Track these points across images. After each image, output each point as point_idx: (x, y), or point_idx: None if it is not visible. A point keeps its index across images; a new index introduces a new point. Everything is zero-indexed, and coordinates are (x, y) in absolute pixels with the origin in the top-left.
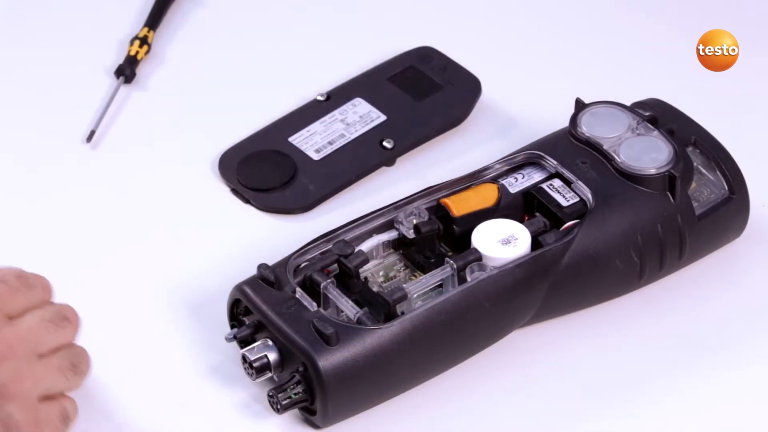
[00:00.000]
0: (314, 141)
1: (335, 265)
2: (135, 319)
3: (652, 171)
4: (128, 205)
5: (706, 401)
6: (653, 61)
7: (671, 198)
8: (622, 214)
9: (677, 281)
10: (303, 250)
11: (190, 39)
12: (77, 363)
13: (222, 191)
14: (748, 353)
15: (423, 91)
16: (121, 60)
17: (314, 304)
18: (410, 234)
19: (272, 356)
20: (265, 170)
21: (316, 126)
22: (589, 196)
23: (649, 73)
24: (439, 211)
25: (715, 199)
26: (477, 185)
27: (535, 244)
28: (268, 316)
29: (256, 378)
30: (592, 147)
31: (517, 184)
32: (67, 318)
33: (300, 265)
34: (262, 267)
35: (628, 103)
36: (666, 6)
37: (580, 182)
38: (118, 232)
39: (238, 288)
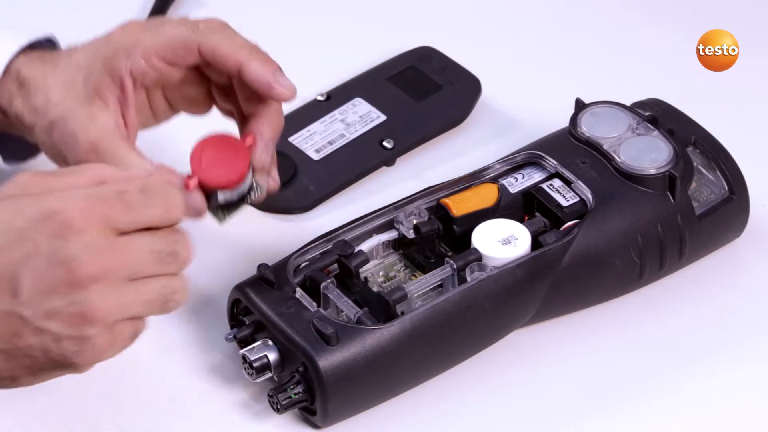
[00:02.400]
0: (314, 141)
1: (335, 265)
2: None
3: (652, 171)
4: None
5: (706, 401)
6: (653, 61)
7: (671, 198)
8: (622, 214)
9: (677, 281)
10: (303, 250)
11: None
12: (169, 299)
13: None
14: (748, 353)
15: (423, 91)
16: None
17: (314, 304)
18: (410, 234)
19: (272, 356)
20: None
21: (316, 126)
22: (589, 196)
23: (649, 73)
24: (439, 211)
25: (715, 199)
26: (477, 185)
27: (535, 244)
28: (268, 316)
29: (256, 378)
30: (592, 147)
31: (517, 184)
32: (177, 254)
33: (300, 265)
34: (262, 267)
35: (628, 103)
36: (666, 6)
37: (580, 182)
38: None
39: (238, 288)
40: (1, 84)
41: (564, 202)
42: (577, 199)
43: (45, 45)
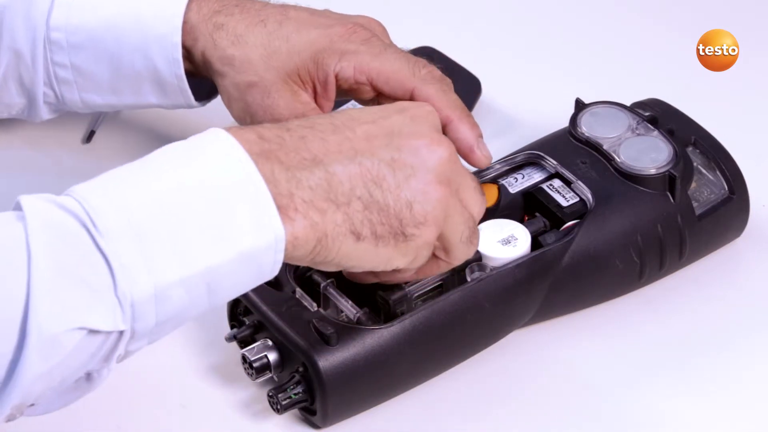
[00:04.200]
0: None
1: None
2: None
3: (652, 171)
4: None
5: (706, 401)
6: (653, 61)
7: (671, 198)
8: (622, 214)
9: (677, 281)
10: None
11: None
12: (472, 236)
13: None
14: (748, 353)
15: None
16: None
17: (314, 304)
18: None
19: (272, 356)
20: None
21: None
22: (589, 196)
23: (649, 73)
24: None
25: (715, 199)
26: None
27: (535, 244)
28: (267, 316)
29: (256, 378)
30: (592, 147)
31: (517, 184)
32: (482, 193)
33: (300, 265)
34: None
35: (628, 103)
36: (666, 6)
37: (580, 182)
38: None
39: None
40: (189, 23)
41: (564, 202)
42: (577, 199)
43: None
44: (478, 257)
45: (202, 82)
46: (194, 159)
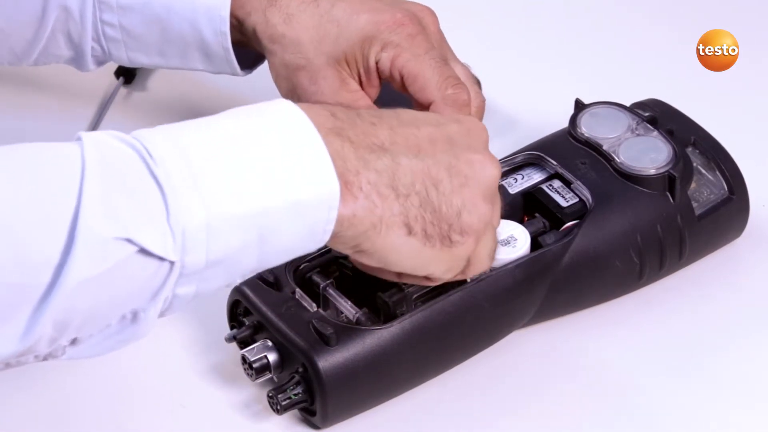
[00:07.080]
0: None
1: (335, 266)
2: None
3: (652, 171)
4: None
5: (705, 401)
6: (653, 61)
7: (671, 198)
8: (621, 214)
9: (677, 281)
10: None
11: None
12: (493, 255)
13: None
14: (748, 353)
15: None
16: None
17: (314, 304)
18: None
19: (272, 357)
20: None
21: None
22: (589, 196)
23: (649, 73)
24: None
25: (715, 199)
26: None
27: (535, 244)
28: (267, 316)
29: (256, 378)
30: (592, 147)
31: (516, 184)
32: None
33: (299, 265)
34: None
35: (628, 104)
36: (666, 6)
37: (579, 183)
38: None
39: (238, 289)
40: None
41: (564, 203)
42: (577, 199)
43: None
44: None
45: (249, 51)
46: (257, 116)
